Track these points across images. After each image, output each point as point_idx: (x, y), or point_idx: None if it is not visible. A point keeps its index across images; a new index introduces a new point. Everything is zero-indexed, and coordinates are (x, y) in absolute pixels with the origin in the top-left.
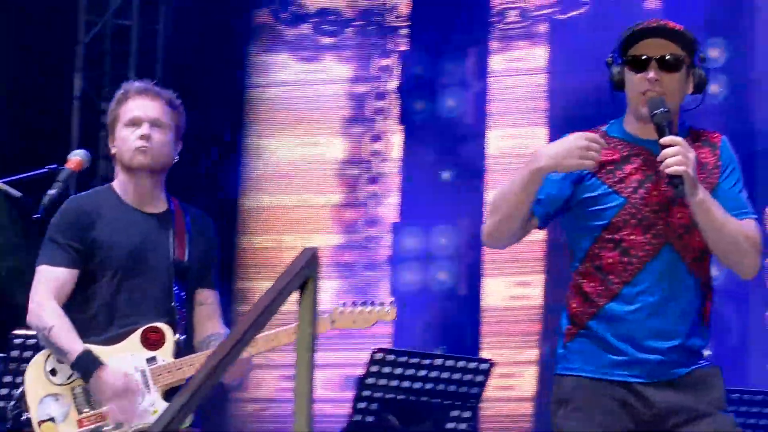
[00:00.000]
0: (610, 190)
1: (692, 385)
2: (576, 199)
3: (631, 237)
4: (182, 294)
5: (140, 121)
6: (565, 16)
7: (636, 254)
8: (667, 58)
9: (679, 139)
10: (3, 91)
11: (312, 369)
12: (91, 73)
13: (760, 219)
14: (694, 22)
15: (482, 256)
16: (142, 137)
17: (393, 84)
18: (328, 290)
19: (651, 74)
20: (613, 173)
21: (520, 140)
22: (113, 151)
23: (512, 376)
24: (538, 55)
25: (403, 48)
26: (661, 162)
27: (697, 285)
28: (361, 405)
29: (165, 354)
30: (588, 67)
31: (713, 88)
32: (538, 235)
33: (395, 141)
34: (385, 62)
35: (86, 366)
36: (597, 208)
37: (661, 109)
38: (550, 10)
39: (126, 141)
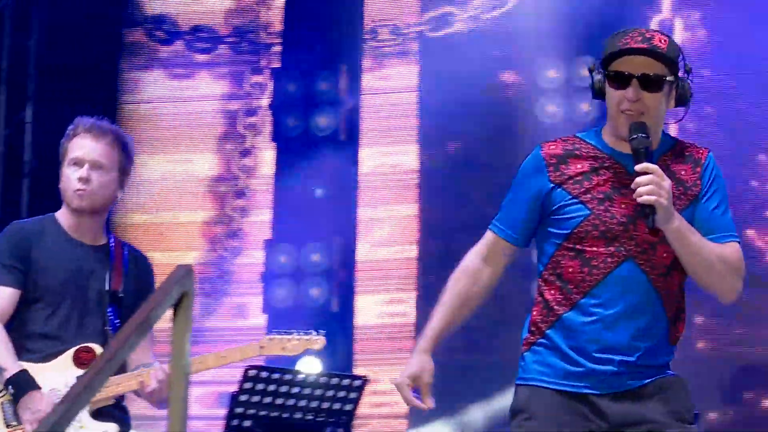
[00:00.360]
0: (575, 200)
1: (652, 395)
2: (547, 211)
3: (593, 248)
4: (116, 321)
5: (82, 161)
6: (437, 35)
7: (597, 266)
8: (648, 77)
9: (653, 167)
10: None
11: (186, 385)
12: None
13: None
14: (567, 41)
15: (355, 273)
16: (80, 179)
17: (265, 101)
18: (199, 307)
19: (630, 93)
20: (580, 183)
21: (392, 157)
22: (60, 185)
23: (386, 393)
24: (410, 72)
25: (275, 65)
26: (632, 177)
27: (664, 301)
28: (234, 422)
29: None
30: (459, 85)
31: (584, 106)
32: (411, 254)
33: (267, 157)
34: (257, 79)
35: (22, 385)
36: (561, 217)
37: (641, 135)
38: (421, 28)
39: (68, 180)
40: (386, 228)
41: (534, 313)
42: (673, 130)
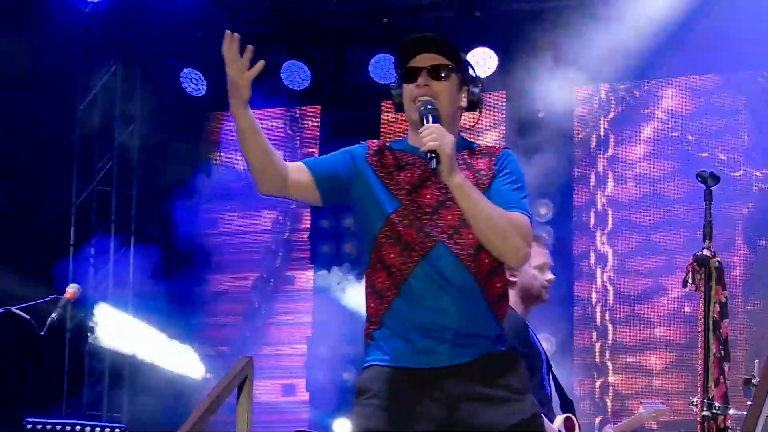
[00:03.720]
0: (386, 191)
1: (484, 370)
2: (357, 194)
3: (408, 234)
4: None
5: (546, 267)
6: None
7: (414, 248)
8: (435, 66)
9: (436, 125)
10: (16, 240)
11: None
12: (80, 226)
13: (532, 218)
14: None
15: None
16: (550, 281)
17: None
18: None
19: (420, 80)
20: (392, 176)
21: None
22: (515, 280)
23: None
24: None
25: None
26: (433, 171)
27: (476, 278)
28: None
29: None
30: None
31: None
32: None
33: (308, 275)
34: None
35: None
36: (375, 208)
37: (428, 106)
38: None
39: (537, 279)
40: None
41: (370, 304)
42: None
